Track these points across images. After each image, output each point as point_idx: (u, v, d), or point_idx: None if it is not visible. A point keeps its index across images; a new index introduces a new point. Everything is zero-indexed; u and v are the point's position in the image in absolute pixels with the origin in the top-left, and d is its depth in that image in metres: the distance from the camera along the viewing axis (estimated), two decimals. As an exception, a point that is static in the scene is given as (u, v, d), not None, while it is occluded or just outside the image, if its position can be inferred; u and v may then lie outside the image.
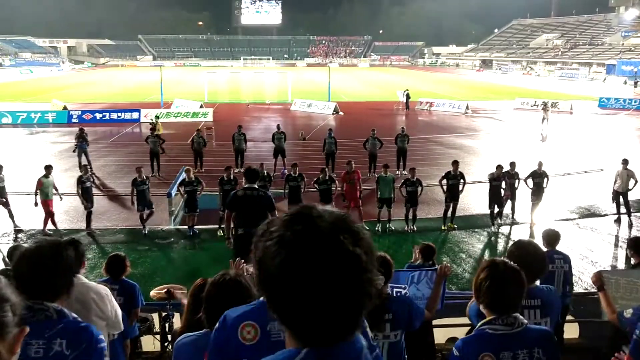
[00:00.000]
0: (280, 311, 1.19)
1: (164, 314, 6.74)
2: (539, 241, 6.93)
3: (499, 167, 13.94)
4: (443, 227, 13.90)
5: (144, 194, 13.35)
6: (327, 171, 14.35)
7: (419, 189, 13.77)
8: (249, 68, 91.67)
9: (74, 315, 2.40)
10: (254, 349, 2.07)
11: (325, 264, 1.13)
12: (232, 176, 13.30)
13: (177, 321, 6.68)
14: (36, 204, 13.06)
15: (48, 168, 13.53)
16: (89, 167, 14.09)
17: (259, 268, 1.21)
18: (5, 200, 13.47)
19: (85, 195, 13.33)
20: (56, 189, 13.50)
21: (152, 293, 6.67)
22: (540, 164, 14.26)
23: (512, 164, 14.29)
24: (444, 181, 14.09)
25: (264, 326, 2.10)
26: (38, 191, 13.12)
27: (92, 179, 13.67)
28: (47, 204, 13.16)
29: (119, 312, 4.00)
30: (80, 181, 13.35)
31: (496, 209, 14.01)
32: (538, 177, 14.09)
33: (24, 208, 13.96)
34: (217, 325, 2.19)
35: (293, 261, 1.14)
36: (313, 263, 1.13)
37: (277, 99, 44.13)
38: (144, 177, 13.50)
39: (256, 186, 8.05)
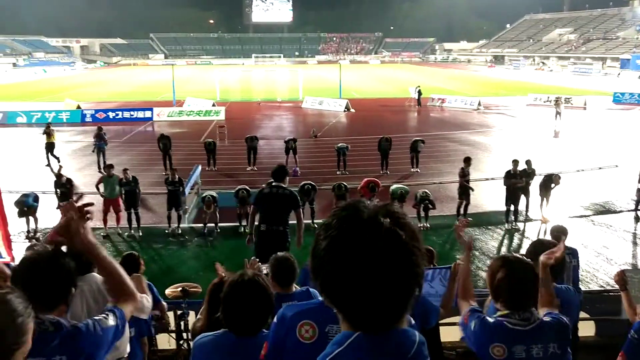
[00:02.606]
0: (329, 293, 1.25)
1: (179, 312, 6.78)
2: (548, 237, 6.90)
3: (515, 162, 13.81)
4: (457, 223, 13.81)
5: (174, 195, 13.41)
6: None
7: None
8: (260, 66, 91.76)
9: (73, 322, 2.31)
10: (311, 348, 2.07)
11: (366, 243, 1.18)
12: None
13: (192, 319, 6.73)
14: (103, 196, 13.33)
15: (108, 168, 13.72)
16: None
17: (312, 255, 1.28)
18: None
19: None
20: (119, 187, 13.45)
21: (168, 291, 6.72)
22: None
23: (528, 162, 14.16)
24: None
25: (322, 327, 2.10)
26: (99, 187, 13.33)
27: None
28: (107, 203, 13.26)
29: (144, 296, 4.01)
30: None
31: (512, 207, 13.84)
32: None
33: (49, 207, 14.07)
34: (275, 319, 2.21)
35: (337, 243, 1.21)
36: (354, 243, 1.19)
37: (288, 97, 44.13)
38: (176, 179, 13.47)
39: (283, 185, 8.04)
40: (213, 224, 13.41)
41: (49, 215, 13.42)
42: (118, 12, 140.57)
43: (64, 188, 13.69)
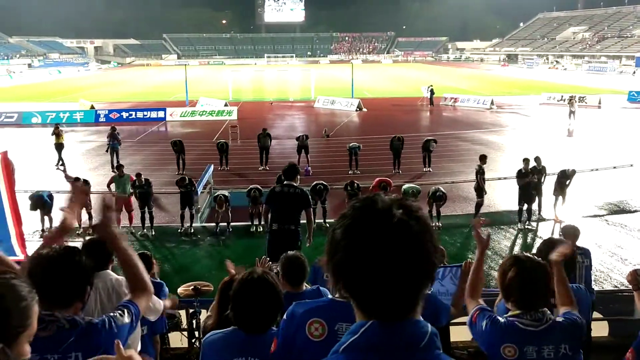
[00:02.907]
0: (343, 280, 1.29)
1: (191, 310, 6.82)
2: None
3: (526, 160, 13.67)
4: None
5: (186, 195, 13.49)
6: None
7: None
8: (273, 66, 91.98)
9: (88, 318, 2.36)
10: (321, 346, 2.09)
11: (378, 232, 1.22)
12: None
13: (204, 318, 6.77)
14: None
15: (119, 168, 14.02)
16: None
17: (327, 242, 1.32)
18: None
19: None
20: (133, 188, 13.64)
21: (180, 290, 6.77)
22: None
23: (537, 159, 13.99)
24: None
25: (332, 325, 2.11)
26: (111, 187, 13.59)
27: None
28: (119, 202, 13.35)
29: (155, 299, 4.07)
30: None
31: (525, 206, 13.71)
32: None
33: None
34: (284, 317, 2.23)
35: (350, 231, 1.25)
36: (367, 232, 1.23)
37: (300, 97, 44.21)
38: (187, 181, 13.54)
39: (294, 184, 8.06)
40: (225, 223, 13.48)
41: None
42: (131, 13, 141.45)
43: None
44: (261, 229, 13.05)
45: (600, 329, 6.97)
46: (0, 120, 32.35)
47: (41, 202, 13.26)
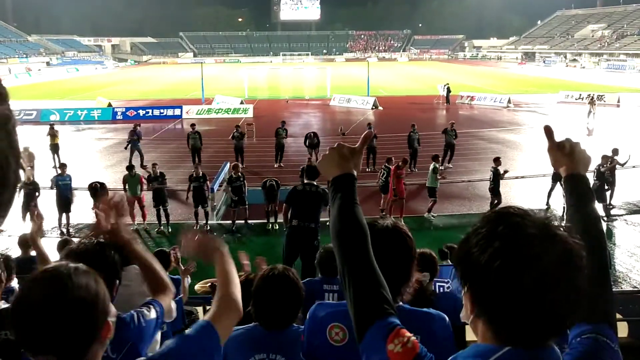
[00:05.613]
0: (486, 305, 1.19)
1: (208, 307, 6.86)
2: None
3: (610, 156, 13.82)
4: None
5: (199, 191, 13.51)
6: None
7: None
8: (288, 64, 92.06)
9: (117, 313, 2.38)
10: (342, 350, 2.08)
11: (541, 254, 1.11)
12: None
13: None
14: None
15: (130, 168, 14.25)
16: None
17: (465, 263, 1.22)
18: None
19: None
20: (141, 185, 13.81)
21: (197, 287, 6.82)
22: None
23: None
24: None
25: (352, 331, 2.12)
26: (126, 187, 13.71)
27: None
28: (131, 200, 13.53)
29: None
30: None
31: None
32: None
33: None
34: (307, 316, 2.24)
35: (506, 253, 1.13)
36: (527, 254, 1.12)
37: (316, 95, 44.22)
38: (200, 174, 13.59)
39: (315, 183, 8.43)
40: (242, 221, 13.53)
41: (82, 213, 13.75)
42: (148, 11, 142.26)
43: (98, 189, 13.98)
44: (277, 227, 13.12)
45: (619, 329, 6.89)
46: (19, 118, 32.72)
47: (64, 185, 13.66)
